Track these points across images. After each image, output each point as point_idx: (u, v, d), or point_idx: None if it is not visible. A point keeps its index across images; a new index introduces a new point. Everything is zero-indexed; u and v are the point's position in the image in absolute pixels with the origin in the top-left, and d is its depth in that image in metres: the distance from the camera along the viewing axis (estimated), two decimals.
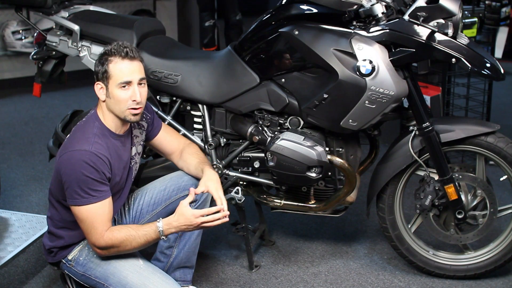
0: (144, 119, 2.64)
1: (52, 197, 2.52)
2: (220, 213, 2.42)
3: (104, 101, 2.43)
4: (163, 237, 2.42)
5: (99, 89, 2.43)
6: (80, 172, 2.32)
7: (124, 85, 2.38)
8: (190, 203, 2.47)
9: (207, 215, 2.41)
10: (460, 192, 2.82)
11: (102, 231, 2.36)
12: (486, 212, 2.86)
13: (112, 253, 2.43)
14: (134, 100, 2.39)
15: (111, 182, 2.44)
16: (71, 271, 2.54)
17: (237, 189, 2.91)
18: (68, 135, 2.47)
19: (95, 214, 2.36)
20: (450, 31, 2.59)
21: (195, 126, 3.07)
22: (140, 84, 2.42)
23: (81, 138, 2.38)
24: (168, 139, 2.74)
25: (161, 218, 2.43)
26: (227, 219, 2.44)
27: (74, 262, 2.52)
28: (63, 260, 2.55)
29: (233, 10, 5.85)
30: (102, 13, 3.23)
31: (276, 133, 2.88)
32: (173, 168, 2.80)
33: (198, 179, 2.60)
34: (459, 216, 2.84)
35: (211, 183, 2.53)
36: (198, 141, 3.01)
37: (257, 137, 2.88)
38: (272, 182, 2.95)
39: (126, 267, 2.47)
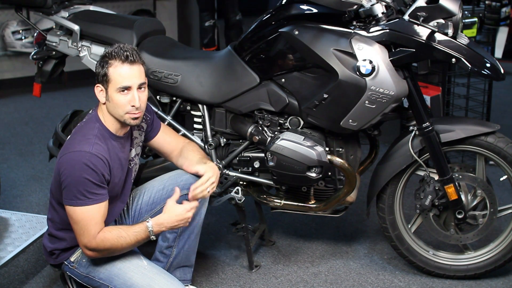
0: (144, 120, 2.63)
1: (52, 199, 2.52)
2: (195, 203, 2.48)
3: (104, 104, 2.43)
4: (152, 237, 2.42)
5: (99, 91, 2.42)
6: (80, 174, 2.31)
7: (123, 90, 2.37)
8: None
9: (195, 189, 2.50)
10: (460, 192, 2.82)
11: (95, 233, 2.35)
12: (486, 212, 2.86)
13: (103, 255, 2.42)
14: (133, 106, 2.39)
15: (110, 184, 2.43)
16: (73, 272, 2.53)
17: (237, 189, 2.91)
18: (69, 136, 2.46)
19: (90, 216, 2.35)
20: (450, 31, 2.59)
21: (195, 126, 3.07)
22: (140, 88, 2.41)
23: (81, 139, 2.37)
24: (167, 139, 2.73)
25: (149, 218, 2.44)
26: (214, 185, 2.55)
27: (77, 264, 2.51)
28: (65, 262, 2.54)
29: (233, 10, 5.85)
30: (102, 13, 3.23)
31: (276, 133, 2.88)
32: (173, 168, 2.79)
33: (198, 177, 2.59)
34: (459, 216, 2.84)
35: (209, 172, 2.54)
36: (198, 141, 3.01)
37: (257, 137, 2.88)
38: (272, 182, 2.95)
39: (131, 268, 2.46)
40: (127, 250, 2.44)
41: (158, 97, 3.05)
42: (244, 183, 3.03)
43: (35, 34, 3.30)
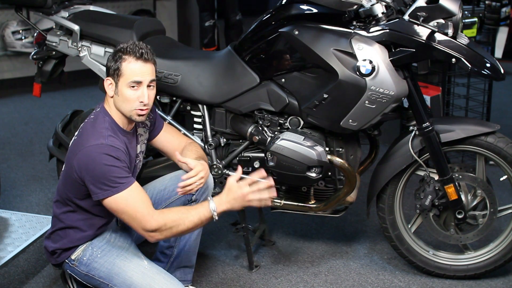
0: (147, 119, 2.63)
1: (60, 198, 2.49)
2: (263, 182, 2.37)
3: (111, 97, 2.43)
4: (215, 217, 2.36)
5: (108, 84, 2.42)
6: (102, 164, 2.29)
7: (133, 85, 2.38)
8: (191, 201, 2.52)
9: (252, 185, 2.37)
10: (460, 192, 2.82)
11: (149, 212, 2.31)
12: (486, 212, 2.86)
13: (166, 235, 2.34)
14: (142, 102, 2.39)
15: None
16: (74, 271, 2.53)
17: None
18: (78, 134, 2.44)
19: (134, 198, 2.32)
20: (450, 31, 2.59)
21: (195, 126, 3.07)
22: (149, 86, 2.42)
23: (94, 134, 2.36)
24: (170, 138, 2.74)
25: (211, 197, 2.40)
26: (274, 193, 2.38)
27: (78, 262, 2.51)
28: (66, 260, 2.54)
29: (233, 10, 5.85)
30: (102, 13, 3.23)
31: (276, 133, 2.88)
32: (173, 167, 2.80)
33: None
34: (459, 216, 2.84)
35: (199, 166, 2.50)
36: (198, 141, 3.01)
37: (257, 137, 2.88)
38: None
39: (131, 267, 2.46)
40: (192, 230, 2.39)
41: (158, 97, 3.05)
42: None
43: (35, 34, 3.30)
